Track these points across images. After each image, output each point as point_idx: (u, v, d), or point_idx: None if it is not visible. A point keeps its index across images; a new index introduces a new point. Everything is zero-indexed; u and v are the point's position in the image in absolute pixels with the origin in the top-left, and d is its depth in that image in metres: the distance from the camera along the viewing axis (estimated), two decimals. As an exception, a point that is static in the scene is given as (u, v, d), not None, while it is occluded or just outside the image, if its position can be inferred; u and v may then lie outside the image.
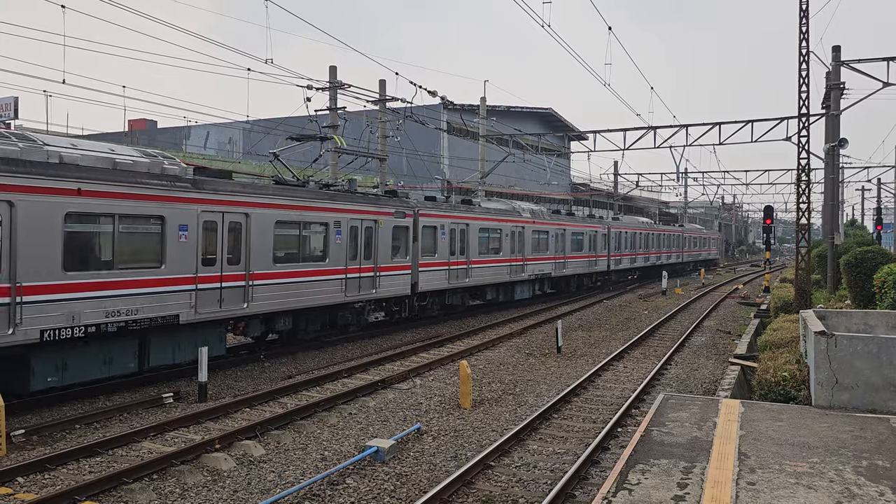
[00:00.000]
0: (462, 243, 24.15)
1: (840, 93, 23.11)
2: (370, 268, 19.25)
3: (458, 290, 24.74)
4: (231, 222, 14.76)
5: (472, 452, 10.12)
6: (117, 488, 8.47)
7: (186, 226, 13.70)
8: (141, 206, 12.83)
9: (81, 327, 11.80)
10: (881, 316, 12.58)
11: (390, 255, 20.14)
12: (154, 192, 13.04)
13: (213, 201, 14.30)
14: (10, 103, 35.76)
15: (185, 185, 13.78)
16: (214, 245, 14.37)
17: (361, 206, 18.96)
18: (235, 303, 14.84)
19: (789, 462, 7.15)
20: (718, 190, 72.37)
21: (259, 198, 15.46)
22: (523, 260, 28.43)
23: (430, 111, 38.49)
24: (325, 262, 17.51)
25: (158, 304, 13.14)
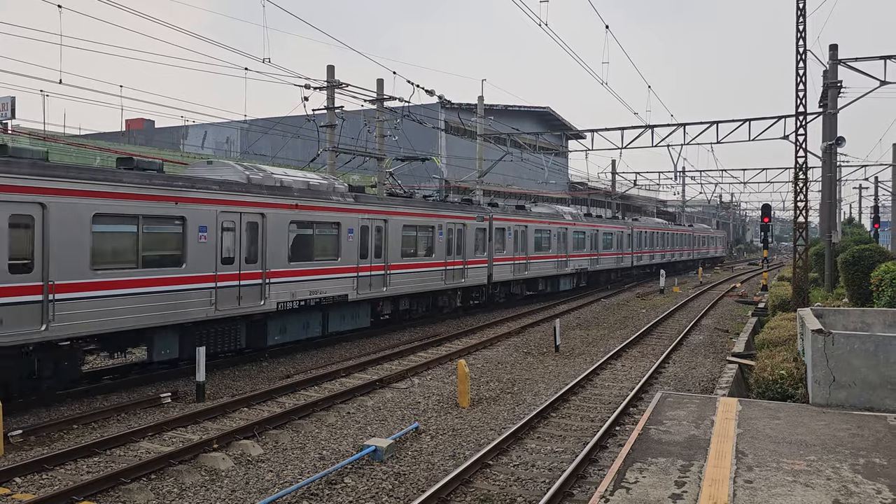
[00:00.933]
0: (523, 242, 28.61)
1: (837, 91, 23.14)
2: (460, 262, 24.07)
3: (520, 281, 29.34)
4: (376, 227, 19.75)
5: (471, 451, 10.13)
6: (115, 488, 8.47)
7: (352, 229, 18.69)
8: (327, 216, 17.85)
9: (296, 301, 16.78)
10: (878, 314, 12.60)
11: (473, 252, 24.90)
12: (334, 205, 18.08)
13: (366, 211, 19.26)
14: (6, 103, 35.72)
15: (350, 200, 18.76)
16: (368, 243, 19.37)
17: (454, 212, 23.77)
18: (379, 287, 19.92)
19: (787, 460, 7.17)
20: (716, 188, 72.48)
21: (393, 208, 20.50)
22: (567, 256, 33.21)
23: (428, 110, 38.49)
24: (432, 257, 22.41)
25: (336, 286, 18.16)
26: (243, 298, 15.25)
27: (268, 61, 20.74)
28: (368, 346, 18.99)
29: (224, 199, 14.75)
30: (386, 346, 19.09)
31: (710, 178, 67.06)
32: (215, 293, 14.53)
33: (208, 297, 14.35)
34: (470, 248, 24.56)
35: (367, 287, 19.23)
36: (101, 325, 12.32)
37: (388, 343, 19.58)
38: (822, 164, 24.89)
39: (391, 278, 20.27)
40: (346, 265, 18.36)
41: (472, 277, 24.86)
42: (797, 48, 20.58)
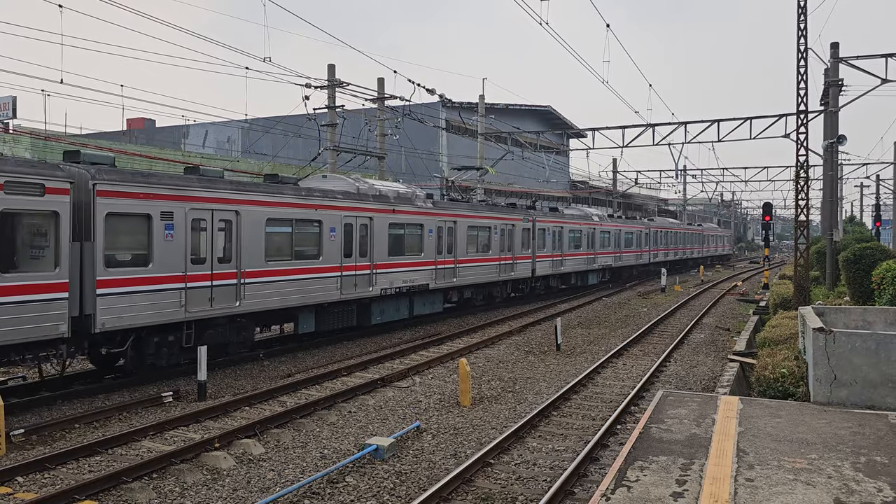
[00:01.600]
0: (559, 241, 32.17)
1: (838, 89, 23.12)
2: (510, 257, 27.32)
3: (556, 275, 32.89)
4: (448, 227, 23.25)
5: (472, 450, 10.14)
6: (117, 487, 8.48)
7: (431, 229, 22.24)
8: (414, 218, 21.38)
9: (394, 288, 20.42)
10: (880, 312, 12.59)
11: (520, 249, 28.10)
12: (418, 209, 21.62)
13: (441, 214, 22.91)
14: (8, 103, 35.73)
15: (430, 205, 22.41)
16: (441, 241, 22.86)
17: (506, 215, 27.22)
18: (450, 278, 23.47)
19: (788, 458, 7.17)
20: (717, 187, 72.45)
21: (460, 211, 24.17)
22: (594, 254, 36.75)
23: (429, 109, 38.45)
24: (489, 253, 25.83)
25: (420, 277, 21.67)
26: (357, 286, 18.96)
27: (268, 60, 20.75)
28: (370, 345, 19.00)
29: (345, 205, 18.52)
30: (387, 344, 19.11)
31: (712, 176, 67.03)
32: (340, 280, 18.29)
33: (335, 284, 18.09)
34: (518, 245, 28.02)
35: (443, 278, 23.06)
36: (271, 303, 16.11)
37: (389, 342, 19.60)
38: (824, 163, 24.86)
39: (459, 271, 24.02)
40: (427, 259, 22.14)
41: (520, 271, 28.38)
42: (798, 46, 20.56)
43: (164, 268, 13.43)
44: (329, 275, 17.81)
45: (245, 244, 15.21)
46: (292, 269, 16.60)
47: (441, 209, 22.94)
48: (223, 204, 14.73)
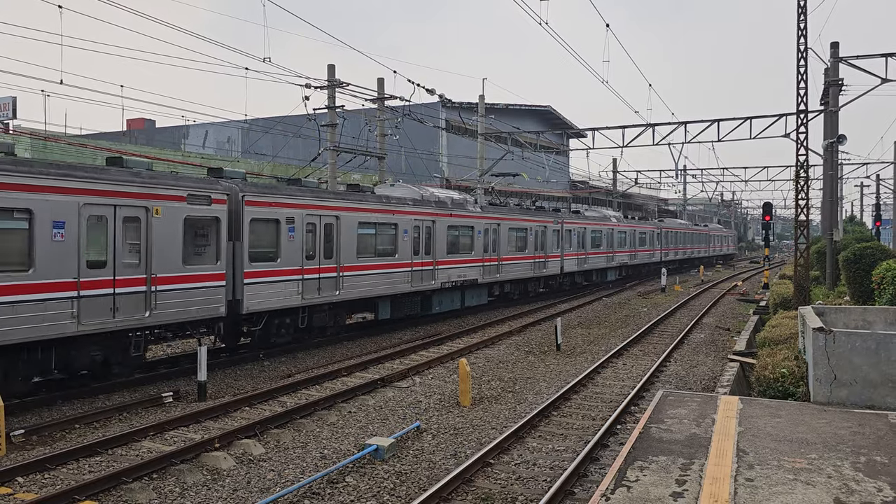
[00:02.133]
0: (583, 241, 35.47)
1: (838, 89, 23.12)
2: (543, 256, 30.62)
3: (581, 272, 35.98)
4: (493, 229, 26.38)
5: (472, 450, 10.14)
6: (117, 488, 8.48)
7: (480, 231, 25.38)
8: (467, 221, 24.56)
9: (451, 282, 23.48)
10: (880, 312, 12.59)
11: (551, 248, 31.44)
12: (470, 213, 24.87)
13: (488, 217, 26.12)
14: (8, 103, 35.74)
15: (479, 209, 25.76)
16: (487, 241, 25.97)
17: (540, 217, 30.71)
18: (494, 274, 26.44)
19: (787, 458, 7.17)
20: (717, 187, 72.46)
21: (503, 215, 27.34)
22: (613, 252, 39.87)
23: (429, 109, 38.44)
24: (525, 252, 28.95)
25: (470, 272, 24.63)
26: (423, 279, 21.97)
27: (268, 61, 20.76)
28: (370, 346, 19.00)
29: (414, 210, 21.47)
30: (387, 344, 19.11)
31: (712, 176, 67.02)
32: (411, 275, 21.31)
33: (407, 278, 21.12)
34: (549, 245, 31.26)
35: (489, 273, 26.03)
36: (361, 293, 19.30)
37: (389, 342, 19.60)
38: (824, 162, 24.85)
39: (501, 267, 26.95)
40: (476, 257, 25.06)
41: (550, 268, 31.67)
42: (798, 46, 20.56)
43: (287, 262, 16.64)
44: (402, 270, 21.02)
45: (343, 243, 18.39)
46: (376, 265, 19.83)
47: (488, 213, 26.17)
48: (328, 210, 17.96)
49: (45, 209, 11.55)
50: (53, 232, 11.67)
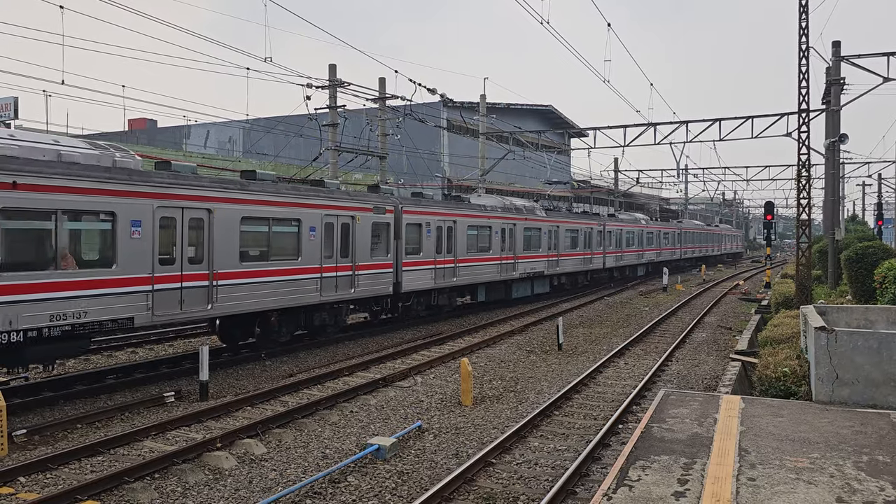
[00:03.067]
0: (619, 240, 41.03)
1: (840, 88, 23.10)
2: (589, 253, 36.12)
3: (617, 267, 41.73)
4: (554, 230, 31.38)
5: (474, 450, 10.13)
6: (119, 487, 8.49)
7: (546, 232, 30.46)
8: (537, 224, 29.79)
9: (525, 273, 28.61)
10: (882, 311, 12.58)
11: (596, 246, 36.99)
12: (538, 217, 29.92)
13: (552, 221, 31.53)
14: (9, 103, 35.74)
15: (544, 214, 30.89)
16: (551, 240, 31.09)
17: (588, 220, 36.38)
18: (555, 268, 31.77)
19: (790, 457, 7.16)
20: (719, 186, 72.41)
21: (562, 219, 32.76)
22: (642, 251, 45.52)
23: (430, 109, 38.44)
24: (576, 249, 34.49)
25: (539, 266, 29.98)
26: (507, 271, 27.28)
27: (269, 61, 20.75)
28: (371, 345, 19.00)
29: (502, 216, 27.06)
30: (389, 344, 19.11)
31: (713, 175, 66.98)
32: (500, 267, 26.70)
33: (497, 269, 26.53)
34: (594, 244, 36.72)
35: (551, 267, 31.45)
36: (468, 280, 24.75)
37: (391, 342, 19.60)
38: (826, 161, 24.83)
39: (560, 262, 32.38)
40: (542, 253, 30.39)
41: (595, 263, 37.11)
42: (800, 45, 20.54)
43: (426, 256, 22.02)
44: (494, 263, 26.36)
45: (457, 241, 23.75)
46: (478, 258, 25.16)
47: (551, 217, 31.56)
48: (447, 217, 23.36)
49: (308, 219, 17.25)
50: (310, 234, 17.30)
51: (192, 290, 14.04)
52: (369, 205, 19.44)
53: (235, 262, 15.05)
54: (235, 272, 15.04)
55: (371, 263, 19.41)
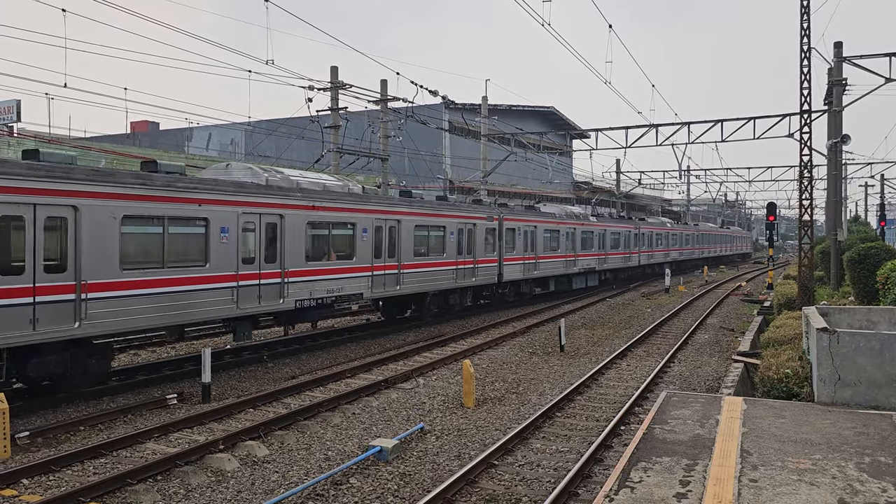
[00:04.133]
0: (651, 241, 47.26)
1: (842, 89, 23.06)
2: (627, 252, 42.19)
3: (648, 265, 47.84)
4: (601, 233, 37.09)
5: (476, 451, 10.14)
6: (122, 489, 8.51)
7: (597, 234, 36.64)
8: (590, 228, 35.42)
9: (582, 268, 34.69)
10: (884, 312, 12.56)
11: (632, 247, 43.03)
12: (590, 223, 35.65)
13: (598, 225, 36.98)
14: (12, 106, 35.80)
15: (594, 219, 36.84)
16: (601, 241, 37.07)
17: (629, 225, 42.88)
18: (603, 264, 37.62)
19: (792, 459, 7.16)
20: (721, 187, 72.29)
21: (605, 223, 38.45)
22: (668, 250, 51.62)
23: (432, 111, 38.47)
24: (619, 249, 40.64)
25: (591, 262, 35.60)
26: (569, 267, 33.23)
27: (271, 63, 20.79)
28: (373, 347, 19.02)
29: (565, 222, 32.92)
30: (391, 346, 19.12)
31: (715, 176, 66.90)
32: (565, 263, 32.79)
33: (564, 264, 32.66)
34: (632, 244, 43.03)
35: (601, 264, 37.32)
36: (544, 273, 30.61)
37: (392, 343, 19.61)
38: (828, 162, 24.80)
39: (607, 260, 38.41)
40: (594, 252, 36.48)
41: (633, 261, 43.36)
42: (801, 46, 20.53)
43: (518, 253, 28.07)
44: (561, 259, 32.45)
45: (538, 242, 29.73)
46: (551, 256, 31.09)
47: (600, 222, 37.77)
48: (529, 223, 29.07)
49: (450, 226, 23.53)
50: (450, 237, 23.19)
51: (387, 275, 20.27)
52: (484, 214, 25.67)
53: (410, 256, 21.39)
54: (412, 263, 21.59)
55: (484, 259, 25.52)
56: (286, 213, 16.28)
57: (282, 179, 16.97)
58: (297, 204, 16.59)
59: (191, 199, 13.91)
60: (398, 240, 20.79)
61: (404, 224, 20.79)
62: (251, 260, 15.30)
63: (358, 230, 19.05)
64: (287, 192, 16.47)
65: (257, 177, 16.45)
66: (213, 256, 14.28)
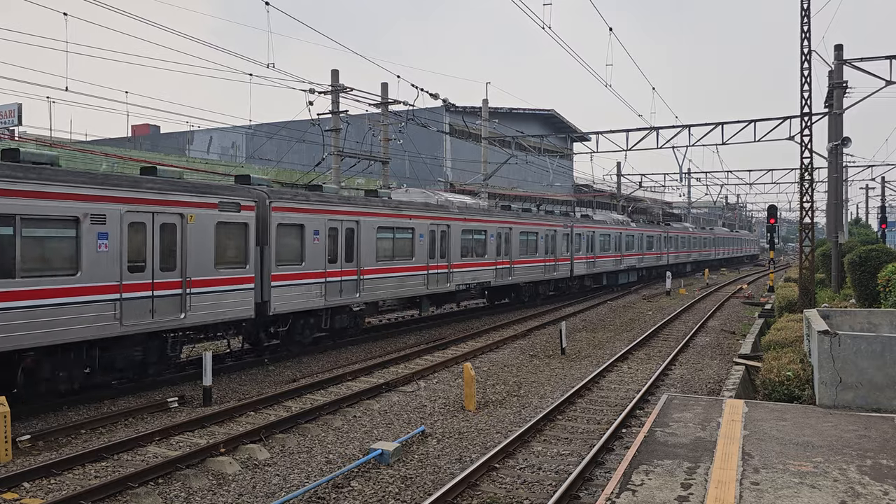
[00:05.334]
0: (677, 244, 53.30)
1: (843, 92, 23.08)
2: (658, 252, 47.69)
3: (674, 265, 52.86)
4: (640, 237, 43.41)
5: (477, 454, 10.13)
6: (123, 493, 8.51)
7: (637, 238, 43.36)
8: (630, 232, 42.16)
9: (626, 266, 41.66)
10: (885, 315, 12.56)
11: (661, 248, 48.48)
12: (631, 228, 42.82)
13: (636, 230, 43.56)
14: (13, 110, 35.90)
15: (634, 224, 44.32)
16: (640, 243, 44.36)
17: (659, 230, 47.79)
18: (640, 263, 44.03)
19: (793, 462, 7.15)
20: (722, 190, 72.32)
21: (642, 227, 45.03)
22: (689, 251, 57.87)
23: (433, 114, 38.51)
24: (651, 250, 46.18)
25: (633, 261, 42.53)
26: (617, 265, 38.98)
27: (272, 66, 20.80)
28: (374, 350, 19.02)
29: (615, 227, 38.66)
30: (392, 349, 19.12)
31: (716, 179, 66.99)
32: (613, 261, 38.39)
33: (613, 263, 38.44)
34: (662, 246, 48.63)
35: (639, 262, 43.13)
36: (598, 270, 37.03)
37: (393, 346, 19.61)
38: (828, 165, 24.81)
39: (644, 259, 44.44)
40: (634, 253, 42.38)
41: (662, 261, 49.08)
42: (802, 49, 20.56)
43: (583, 253, 34.00)
44: (611, 258, 38.36)
45: (596, 244, 35.34)
46: (601, 256, 36.38)
47: (638, 228, 43.74)
48: (590, 229, 34.53)
49: (542, 232, 30.33)
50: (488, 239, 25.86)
51: (499, 269, 26.64)
52: (562, 223, 31.44)
53: (516, 254, 27.91)
54: (520, 260, 28.30)
55: (562, 258, 31.58)
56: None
57: (444, 201, 24.59)
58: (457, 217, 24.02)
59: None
60: (511, 242, 27.70)
61: (514, 230, 27.75)
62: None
63: (487, 236, 26.20)
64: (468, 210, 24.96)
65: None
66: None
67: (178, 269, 13.92)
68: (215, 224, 14.67)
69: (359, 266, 18.91)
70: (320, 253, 17.45)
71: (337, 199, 18.41)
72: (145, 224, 13.35)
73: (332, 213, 17.98)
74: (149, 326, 13.43)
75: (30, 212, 11.47)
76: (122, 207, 12.86)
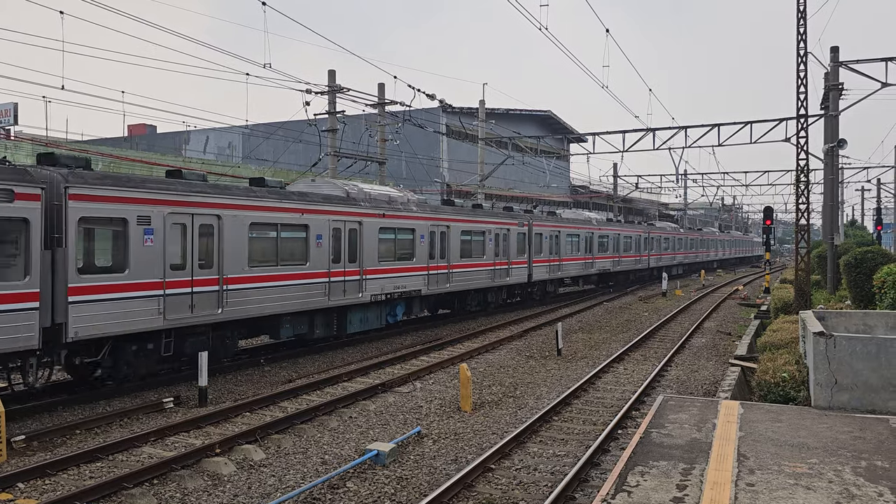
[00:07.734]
0: (704, 245, 60.15)
1: (839, 93, 23.12)
2: (685, 252, 55.73)
3: (693, 263, 59.90)
4: (657, 238, 48.49)
5: (473, 455, 10.13)
6: (118, 493, 8.48)
7: (660, 239, 49.82)
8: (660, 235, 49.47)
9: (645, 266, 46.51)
10: (880, 316, 12.59)
11: (688, 249, 56.53)
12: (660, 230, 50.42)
13: (658, 233, 48.84)
14: (9, 109, 35.80)
15: (649, 228, 48.09)
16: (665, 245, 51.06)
17: (679, 232, 54.20)
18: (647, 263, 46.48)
19: (788, 463, 7.16)
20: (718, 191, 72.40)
21: (664, 231, 50.62)
22: (707, 252, 64.32)
23: (429, 114, 38.49)
24: (670, 250, 52.56)
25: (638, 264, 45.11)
26: (635, 263, 43.27)
27: (268, 66, 20.79)
28: (370, 350, 19.00)
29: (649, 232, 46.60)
30: (388, 350, 19.10)
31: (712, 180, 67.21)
32: (633, 261, 42.67)
33: (635, 262, 43.23)
34: (688, 247, 55.25)
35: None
36: (620, 269, 41.35)
37: (389, 347, 19.59)
38: (824, 167, 24.85)
39: (661, 259, 48.02)
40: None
41: (691, 258, 56.78)
42: (798, 50, 20.60)
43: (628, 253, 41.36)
44: (632, 259, 42.20)
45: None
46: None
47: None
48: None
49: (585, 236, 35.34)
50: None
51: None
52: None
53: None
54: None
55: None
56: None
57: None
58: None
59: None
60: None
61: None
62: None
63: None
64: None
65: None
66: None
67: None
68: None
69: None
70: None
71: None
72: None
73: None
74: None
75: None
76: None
